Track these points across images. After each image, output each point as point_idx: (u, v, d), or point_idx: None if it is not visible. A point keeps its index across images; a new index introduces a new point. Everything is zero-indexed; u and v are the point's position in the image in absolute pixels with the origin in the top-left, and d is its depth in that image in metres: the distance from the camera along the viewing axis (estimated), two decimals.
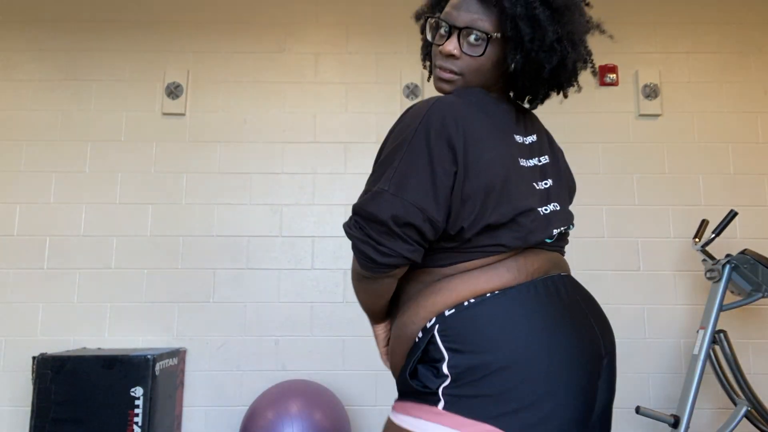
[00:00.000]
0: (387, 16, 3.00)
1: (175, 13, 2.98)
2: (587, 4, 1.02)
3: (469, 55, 0.97)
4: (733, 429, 2.27)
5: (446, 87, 1.01)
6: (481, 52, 0.96)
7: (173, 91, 2.89)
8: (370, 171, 2.86)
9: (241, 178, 2.85)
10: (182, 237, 2.79)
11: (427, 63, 1.15)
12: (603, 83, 2.94)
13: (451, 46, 0.97)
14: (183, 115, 2.89)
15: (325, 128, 2.90)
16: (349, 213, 2.83)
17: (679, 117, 2.92)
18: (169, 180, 2.84)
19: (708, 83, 2.94)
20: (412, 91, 2.91)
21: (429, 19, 1.04)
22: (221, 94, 2.92)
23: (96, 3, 2.98)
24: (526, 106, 1.09)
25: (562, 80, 1.02)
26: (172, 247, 2.78)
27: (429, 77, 1.14)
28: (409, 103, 2.91)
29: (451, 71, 0.99)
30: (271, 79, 2.93)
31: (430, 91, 2.93)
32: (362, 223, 0.89)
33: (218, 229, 2.80)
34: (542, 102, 1.06)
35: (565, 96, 1.06)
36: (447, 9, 1.00)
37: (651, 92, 2.91)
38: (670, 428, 2.33)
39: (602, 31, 1.05)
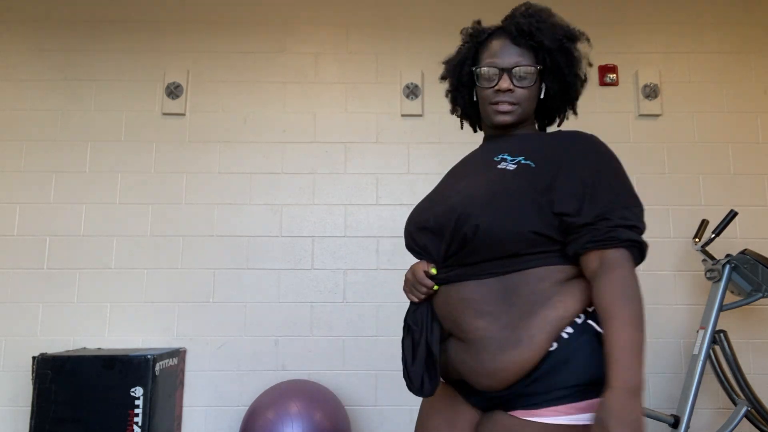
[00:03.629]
0: (387, 16, 3.00)
1: (175, 13, 2.98)
2: (588, 40, 1.27)
3: (521, 87, 1.17)
4: (733, 429, 2.27)
5: (508, 118, 1.19)
6: (532, 83, 1.17)
7: (173, 91, 2.89)
8: (369, 171, 2.87)
9: (241, 178, 2.85)
10: (182, 237, 2.79)
11: (458, 110, 1.35)
12: (603, 83, 2.94)
13: (506, 83, 1.17)
14: (183, 115, 2.89)
15: (325, 128, 2.90)
16: (349, 212, 2.83)
17: (679, 117, 2.92)
18: (169, 180, 2.84)
19: (708, 83, 2.94)
20: (412, 91, 2.91)
21: (476, 69, 1.21)
22: (221, 94, 2.92)
23: (96, 3, 2.98)
24: (553, 128, 1.33)
25: (576, 99, 1.26)
26: (172, 247, 2.78)
27: (462, 124, 1.37)
28: (409, 102, 2.91)
29: (510, 103, 1.18)
30: (271, 79, 2.93)
31: (429, 91, 2.92)
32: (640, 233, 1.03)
33: (218, 229, 2.80)
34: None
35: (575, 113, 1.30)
36: (488, 59, 1.20)
37: (651, 92, 2.91)
38: (670, 428, 2.33)
39: (589, 64, 1.28)
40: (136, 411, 2.26)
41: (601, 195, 1.03)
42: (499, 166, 1.12)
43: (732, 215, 2.43)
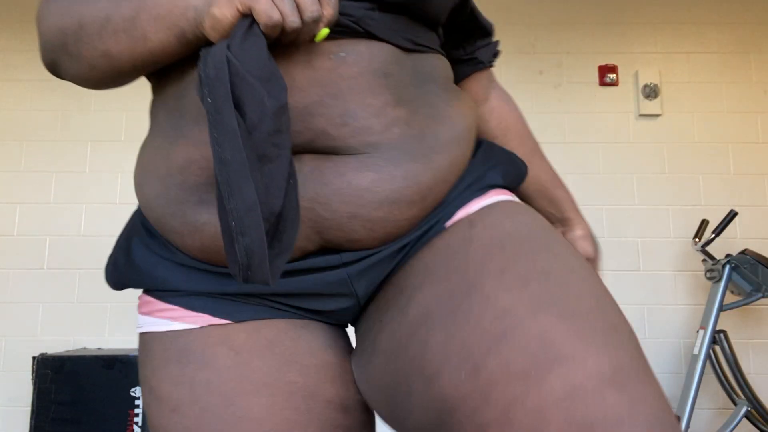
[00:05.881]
0: None
1: None
2: None
3: None
4: (733, 429, 2.27)
5: None
6: None
7: None
8: None
9: None
10: None
11: None
12: (603, 83, 2.94)
13: None
14: None
15: None
16: None
17: (679, 117, 2.92)
18: None
19: (708, 83, 2.94)
20: None
21: None
22: None
23: None
24: None
25: None
26: None
27: None
28: None
29: None
30: None
31: None
32: None
33: None
34: None
35: None
36: None
37: (651, 92, 2.91)
38: None
39: None
40: (136, 411, 2.26)
41: None
42: None
43: (732, 215, 2.43)
